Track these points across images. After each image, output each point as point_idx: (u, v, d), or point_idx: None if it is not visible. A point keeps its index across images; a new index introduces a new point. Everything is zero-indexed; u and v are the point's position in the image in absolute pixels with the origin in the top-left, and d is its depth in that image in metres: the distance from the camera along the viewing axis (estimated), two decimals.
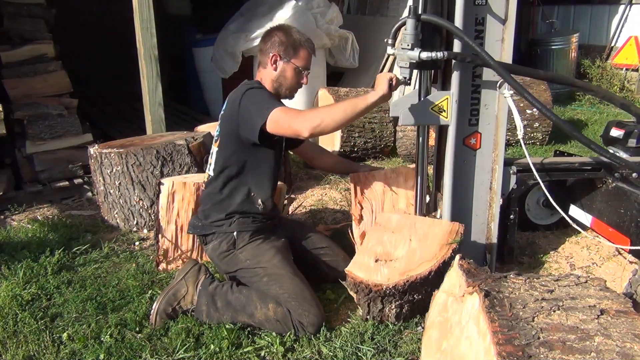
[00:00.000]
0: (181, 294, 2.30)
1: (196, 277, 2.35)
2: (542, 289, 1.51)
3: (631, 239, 2.51)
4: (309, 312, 2.17)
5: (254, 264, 2.33)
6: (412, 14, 2.11)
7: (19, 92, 3.84)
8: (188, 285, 2.32)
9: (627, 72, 6.99)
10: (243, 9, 5.34)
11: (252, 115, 2.25)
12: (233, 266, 2.38)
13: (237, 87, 2.46)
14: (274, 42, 2.39)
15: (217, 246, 2.39)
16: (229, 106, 2.37)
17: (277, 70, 2.40)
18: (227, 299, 2.26)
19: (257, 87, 2.35)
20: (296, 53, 2.40)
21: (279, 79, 2.42)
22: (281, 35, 2.40)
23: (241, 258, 2.36)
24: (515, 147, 4.71)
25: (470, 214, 2.50)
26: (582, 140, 2.15)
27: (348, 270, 2.15)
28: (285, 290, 2.22)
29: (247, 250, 2.36)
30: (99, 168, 3.28)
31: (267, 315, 2.19)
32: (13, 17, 3.98)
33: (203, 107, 6.27)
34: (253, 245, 2.37)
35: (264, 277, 2.28)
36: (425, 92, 2.34)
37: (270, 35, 2.43)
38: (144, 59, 3.88)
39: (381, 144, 4.60)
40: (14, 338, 2.22)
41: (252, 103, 2.27)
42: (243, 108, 2.27)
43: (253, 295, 2.25)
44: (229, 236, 2.38)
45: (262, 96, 2.30)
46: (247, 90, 2.31)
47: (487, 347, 1.34)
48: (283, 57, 2.38)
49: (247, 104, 2.27)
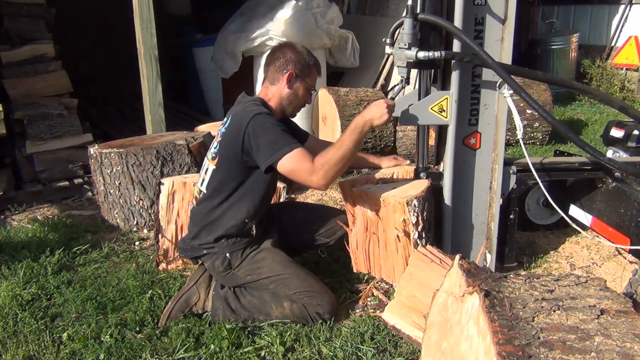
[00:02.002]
0: (193, 300, 2.33)
1: (208, 283, 2.37)
2: (542, 288, 1.51)
3: (631, 238, 2.51)
4: (322, 302, 2.26)
5: (255, 277, 2.30)
6: (409, 13, 2.11)
7: (19, 92, 3.85)
8: (200, 292, 2.34)
9: (627, 72, 6.99)
10: (243, 9, 5.33)
11: (260, 150, 2.13)
12: (236, 282, 2.34)
13: (239, 99, 2.35)
14: (288, 60, 2.30)
15: (212, 266, 2.32)
16: (233, 127, 2.22)
17: (291, 89, 2.31)
18: (240, 302, 2.31)
19: (265, 113, 2.19)
20: (310, 73, 2.35)
21: (289, 97, 2.33)
22: (294, 53, 2.31)
23: (240, 275, 2.31)
24: (515, 147, 4.71)
25: (470, 214, 2.50)
26: (576, 142, 2.16)
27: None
28: (295, 290, 2.26)
29: (243, 267, 2.31)
30: (99, 168, 3.28)
31: (284, 314, 2.27)
32: (13, 17, 3.98)
33: (203, 107, 6.26)
34: (248, 260, 2.31)
35: (270, 285, 2.30)
36: (425, 92, 2.34)
37: (282, 51, 2.33)
38: (144, 59, 3.88)
39: (381, 144, 4.60)
40: (14, 338, 2.22)
41: (262, 135, 2.12)
42: (251, 137, 2.13)
43: (265, 296, 2.31)
44: (222, 257, 2.30)
45: (273, 129, 2.14)
46: (255, 115, 2.15)
47: (487, 347, 1.34)
48: (298, 76, 2.31)
49: (257, 135, 2.13)
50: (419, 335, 1.99)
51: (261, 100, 2.31)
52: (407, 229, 2.23)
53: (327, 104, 4.54)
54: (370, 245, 2.39)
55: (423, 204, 2.21)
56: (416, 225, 2.21)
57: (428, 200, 2.26)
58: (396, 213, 2.22)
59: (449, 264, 1.86)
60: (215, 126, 4.16)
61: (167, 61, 5.09)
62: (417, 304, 2.06)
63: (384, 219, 2.28)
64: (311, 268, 2.71)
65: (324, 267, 2.75)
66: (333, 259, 2.80)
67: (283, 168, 2.12)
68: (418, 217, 2.20)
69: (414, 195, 2.20)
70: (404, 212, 2.19)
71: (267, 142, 2.12)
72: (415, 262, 2.12)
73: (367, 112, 2.19)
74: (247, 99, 2.33)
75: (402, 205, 2.19)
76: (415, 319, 2.04)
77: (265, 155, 2.11)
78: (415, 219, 2.20)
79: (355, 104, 4.54)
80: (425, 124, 2.41)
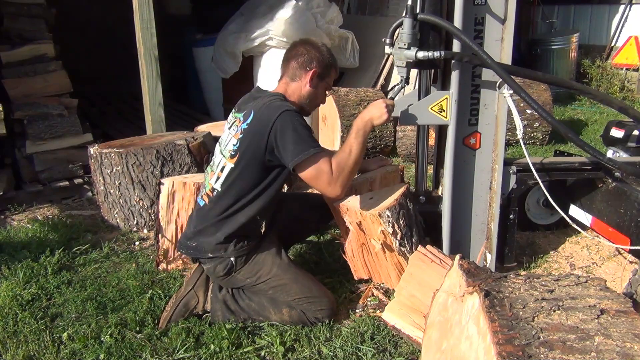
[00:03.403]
0: (192, 304, 2.32)
1: (205, 285, 2.36)
2: (542, 288, 1.51)
3: (631, 238, 2.51)
4: (321, 307, 2.25)
5: (254, 281, 2.27)
6: (409, 13, 2.11)
7: (19, 92, 3.84)
8: (198, 296, 2.33)
9: (627, 72, 6.99)
10: (243, 9, 5.33)
11: (286, 149, 2.07)
12: (233, 285, 2.31)
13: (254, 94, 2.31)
14: (312, 58, 2.24)
15: (212, 270, 2.26)
16: (257, 122, 2.13)
17: (312, 87, 2.26)
18: (239, 304, 2.31)
19: (293, 110, 2.13)
20: (330, 73, 2.31)
21: (310, 96, 2.29)
22: (318, 52, 2.26)
23: (240, 278, 2.27)
24: (515, 147, 4.71)
25: (470, 214, 2.50)
26: (576, 142, 2.16)
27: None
28: (294, 296, 2.25)
29: (244, 270, 2.26)
30: (99, 168, 3.28)
31: (282, 319, 2.27)
32: (13, 17, 3.98)
33: (203, 107, 6.26)
34: (250, 263, 2.27)
35: (268, 290, 2.28)
36: (425, 92, 2.34)
37: (305, 48, 2.27)
38: (144, 59, 3.88)
39: (381, 144, 4.60)
40: (14, 338, 2.22)
41: (290, 133, 2.07)
42: (277, 135, 2.07)
43: (264, 301, 2.30)
44: (226, 261, 2.23)
45: (301, 128, 2.09)
46: (283, 112, 2.08)
47: (487, 347, 1.34)
48: (320, 75, 2.26)
49: (284, 132, 2.07)
50: (419, 335, 1.99)
51: (282, 96, 2.24)
52: (387, 238, 2.25)
53: (327, 104, 4.50)
54: (364, 253, 2.40)
55: (397, 213, 2.23)
56: (394, 234, 2.23)
57: (404, 207, 2.27)
58: (374, 224, 2.25)
59: (449, 264, 1.87)
60: (215, 126, 4.16)
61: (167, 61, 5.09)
62: (417, 304, 2.06)
63: (367, 230, 2.31)
64: (311, 268, 2.72)
65: (324, 267, 2.75)
66: (333, 259, 2.80)
67: (304, 172, 2.08)
68: (394, 227, 2.22)
69: (385, 207, 2.22)
70: (380, 223, 2.22)
71: (294, 141, 2.06)
72: (415, 262, 2.12)
73: (366, 113, 2.19)
74: (267, 94, 2.26)
75: (376, 217, 2.21)
76: (416, 318, 2.04)
77: (293, 154, 2.06)
78: (391, 228, 2.22)
79: (355, 104, 4.54)
80: (425, 124, 2.41)
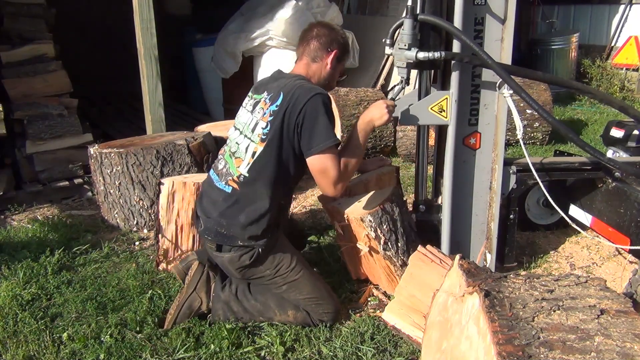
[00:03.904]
0: (195, 305, 2.31)
1: (206, 285, 2.34)
2: (542, 288, 1.51)
3: (631, 238, 2.51)
4: (327, 309, 2.26)
5: (273, 273, 2.24)
6: (409, 14, 2.11)
7: (19, 92, 3.84)
8: (201, 297, 2.32)
9: (627, 72, 6.99)
10: (243, 9, 5.33)
11: (311, 134, 2.06)
12: (250, 276, 2.27)
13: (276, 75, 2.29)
14: (334, 39, 2.22)
15: (237, 259, 2.19)
16: (287, 103, 2.09)
17: (332, 69, 2.25)
18: (243, 305, 2.29)
19: (325, 94, 2.11)
20: (346, 56, 2.33)
21: (328, 77, 2.27)
22: (337, 34, 2.26)
23: (261, 269, 2.24)
24: (515, 147, 4.71)
25: (470, 214, 2.50)
26: (576, 142, 2.16)
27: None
28: (305, 295, 2.25)
29: (267, 261, 2.24)
30: (99, 168, 3.28)
31: (286, 320, 2.27)
32: (13, 17, 3.98)
33: (203, 107, 6.26)
34: (272, 254, 2.25)
35: (282, 285, 2.27)
36: (425, 92, 2.34)
37: (325, 29, 2.26)
38: (144, 59, 3.88)
39: (381, 144, 4.60)
40: (14, 338, 2.22)
41: (317, 119, 2.05)
42: (306, 117, 2.05)
43: (270, 302, 2.28)
44: (253, 251, 2.18)
45: (327, 116, 2.08)
46: (315, 95, 2.06)
47: (487, 347, 1.34)
48: (339, 57, 2.26)
49: (312, 117, 2.05)
50: (419, 335, 1.99)
51: (304, 77, 2.23)
52: (372, 242, 2.28)
53: None
54: (356, 255, 2.44)
55: (379, 218, 2.26)
56: (377, 238, 2.26)
57: (388, 212, 2.30)
58: (359, 228, 2.29)
59: (449, 264, 1.87)
60: (215, 126, 4.16)
61: (167, 61, 5.09)
62: (417, 304, 2.06)
63: (355, 233, 2.35)
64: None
65: (324, 267, 2.75)
66: (333, 259, 2.80)
67: (314, 163, 2.07)
68: (377, 231, 2.26)
69: (367, 212, 2.26)
70: (363, 227, 2.25)
71: (323, 127, 2.04)
72: (415, 262, 2.12)
73: (367, 114, 2.20)
74: (291, 75, 2.25)
75: (359, 222, 2.25)
76: (416, 318, 2.04)
77: (317, 140, 2.04)
78: (374, 233, 2.25)
79: (355, 104, 4.54)
80: (425, 124, 2.41)
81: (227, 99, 5.55)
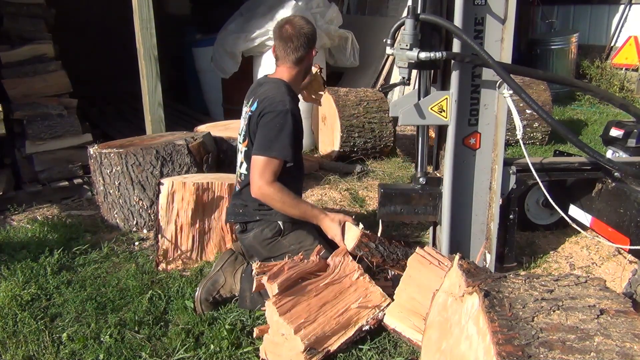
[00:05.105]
0: (219, 283, 2.42)
1: (233, 267, 2.47)
2: (542, 288, 1.51)
3: (631, 238, 2.51)
4: None
5: (297, 248, 2.39)
6: (410, 14, 2.11)
7: (18, 92, 3.84)
8: (226, 276, 2.44)
9: (627, 72, 6.99)
10: (243, 9, 5.33)
11: (258, 139, 2.33)
12: (276, 252, 2.44)
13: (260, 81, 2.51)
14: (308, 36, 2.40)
15: (260, 233, 2.43)
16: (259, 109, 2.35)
17: (309, 62, 2.49)
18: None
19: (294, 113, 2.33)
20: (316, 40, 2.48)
21: (307, 71, 2.56)
22: (309, 26, 2.41)
23: (285, 244, 2.43)
24: (515, 147, 4.71)
25: (470, 214, 2.50)
26: (575, 143, 2.16)
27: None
28: None
29: (290, 236, 2.43)
30: (99, 168, 3.28)
31: None
32: (13, 17, 3.98)
33: (203, 107, 6.26)
34: (296, 232, 2.44)
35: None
36: (425, 92, 2.34)
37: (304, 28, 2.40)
38: (144, 59, 3.88)
39: (381, 144, 4.60)
40: (14, 338, 2.22)
41: (272, 130, 2.30)
42: (260, 125, 2.33)
43: None
44: (274, 224, 2.41)
45: (285, 133, 2.30)
46: (281, 112, 2.30)
47: (486, 347, 1.34)
48: (313, 46, 2.46)
49: (267, 126, 2.31)
50: (419, 338, 1.98)
51: (286, 85, 2.42)
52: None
53: (327, 104, 4.54)
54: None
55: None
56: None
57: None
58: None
59: (448, 266, 1.87)
60: (215, 126, 4.17)
61: (167, 61, 5.09)
62: (416, 307, 2.06)
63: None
64: None
65: None
66: None
67: (255, 161, 2.30)
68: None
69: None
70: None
71: (271, 138, 2.29)
72: (414, 264, 2.12)
73: (327, 221, 2.35)
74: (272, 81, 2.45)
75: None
76: (415, 321, 2.04)
77: (259, 147, 2.31)
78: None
79: (355, 104, 4.54)
80: (425, 124, 2.41)
81: (227, 99, 5.56)
